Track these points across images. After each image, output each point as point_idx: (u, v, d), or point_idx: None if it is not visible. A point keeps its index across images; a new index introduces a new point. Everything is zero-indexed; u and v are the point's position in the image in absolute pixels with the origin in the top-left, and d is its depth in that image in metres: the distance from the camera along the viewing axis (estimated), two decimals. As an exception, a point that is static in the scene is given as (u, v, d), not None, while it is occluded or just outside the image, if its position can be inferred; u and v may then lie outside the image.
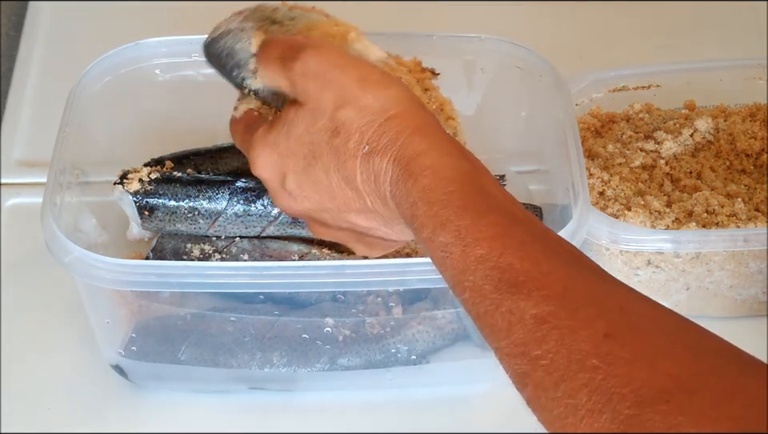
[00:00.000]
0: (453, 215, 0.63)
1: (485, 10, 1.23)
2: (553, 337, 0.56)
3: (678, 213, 0.94)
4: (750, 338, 0.94)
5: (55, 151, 0.84)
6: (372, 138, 0.68)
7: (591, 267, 0.62)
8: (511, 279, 0.59)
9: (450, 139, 0.68)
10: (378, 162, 0.67)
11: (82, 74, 0.90)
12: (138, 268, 0.78)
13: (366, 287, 0.83)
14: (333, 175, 0.70)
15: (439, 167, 0.65)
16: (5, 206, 1.03)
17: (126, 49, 0.93)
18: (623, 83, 1.04)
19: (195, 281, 0.78)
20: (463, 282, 0.61)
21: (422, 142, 0.66)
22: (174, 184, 0.86)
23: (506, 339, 0.58)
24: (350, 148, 0.68)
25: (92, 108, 0.90)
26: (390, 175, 0.67)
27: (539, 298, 0.57)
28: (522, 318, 0.57)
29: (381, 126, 0.67)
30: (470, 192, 0.64)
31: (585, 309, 0.57)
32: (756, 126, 1.01)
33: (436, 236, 0.63)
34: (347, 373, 0.87)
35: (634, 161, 0.97)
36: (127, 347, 0.86)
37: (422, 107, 0.70)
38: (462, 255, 0.61)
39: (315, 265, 0.80)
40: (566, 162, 0.87)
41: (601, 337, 0.55)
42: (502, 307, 0.58)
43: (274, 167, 0.73)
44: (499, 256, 0.60)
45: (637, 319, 0.57)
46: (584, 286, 0.59)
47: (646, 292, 0.90)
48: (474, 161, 0.68)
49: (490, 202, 0.64)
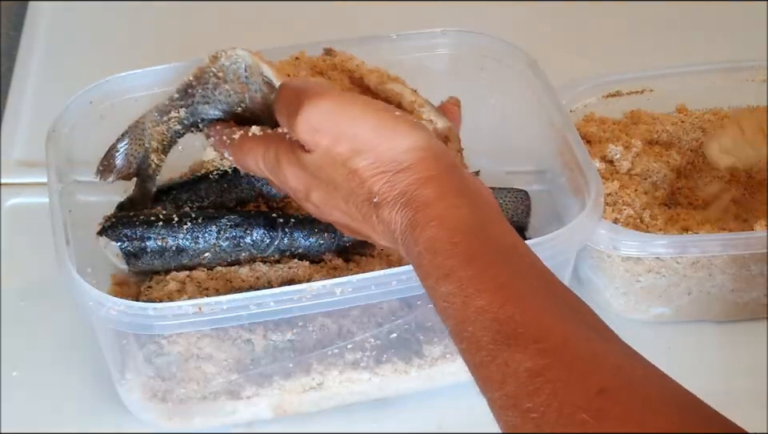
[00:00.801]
0: (456, 266, 0.63)
1: (482, 11, 1.23)
2: (545, 391, 0.56)
3: (678, 218, 0.94)
4: (752, 341, 0.94)
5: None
6: (382, 190, 0.68)
7: (593, 323, 0.62)
8: (509, 331, 0.59)
9: (463, 188, 0.68)
10: (388, 212, 0.68)
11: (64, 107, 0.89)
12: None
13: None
14: (351, 207, 0.71)
15: (446, 218, 0.65)
16: (5, 206, 1.03)
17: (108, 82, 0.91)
18: (617, 88, 1.04)
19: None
20: (462, 332, 0.61)
21: (432, 192, 0.67)
22: (159, 226, 0.84)
23: (498, 391, 0.58)
24: (363, 193, 0.69)
25: (75, 139, 0.89)
26: (398, 225, 0.67)
27: (535, 351, 0.57)
28: (517, 370, 0.57)
29: (393, 177, 0.68)
30: (475, 243, 0.64)
31: (581, 364, 0.57)
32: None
33: (439, 286, 0.63)
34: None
35: (634, 167, 0.97)
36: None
37: (438, 155, 0.69)
38: (463, 305, 0.62)
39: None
40: (567, 162, 0.87)
41: (594, 393, 0.55)
42: (498, 358, 0.58)
43: (301, 182, 0.73)
44: (499, 308, 0.60)
45: (631, 378, 0.57)
46: (583, 342, 0.59)
47: (648, 298, 0.92)
48: (485, 211, 0.67)
49: (496, 253, 0.64)
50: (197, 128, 0.84)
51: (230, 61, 0.80)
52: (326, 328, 0.83)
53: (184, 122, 0.83)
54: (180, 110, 0.83)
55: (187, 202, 0.90)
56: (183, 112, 0.83)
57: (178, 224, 0.85)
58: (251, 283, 0.85)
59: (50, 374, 0.90)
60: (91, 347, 0.88)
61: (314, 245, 0.87)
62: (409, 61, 0.82)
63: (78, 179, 0.89)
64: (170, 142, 0.85)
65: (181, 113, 0.83)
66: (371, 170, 0.68)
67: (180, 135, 0.84)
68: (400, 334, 0.85)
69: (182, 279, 0.85)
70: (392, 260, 0.88)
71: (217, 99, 0.81)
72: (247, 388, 0.85)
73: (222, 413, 0.86)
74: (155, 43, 1.19)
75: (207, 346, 0.82)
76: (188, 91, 0.82)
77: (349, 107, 0.70)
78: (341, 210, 0.72)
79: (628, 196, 0.94)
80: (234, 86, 0.81)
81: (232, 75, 0.80)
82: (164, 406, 0.85)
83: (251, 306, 0.76)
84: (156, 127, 0.84)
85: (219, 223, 0.85)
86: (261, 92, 0.80)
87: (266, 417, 0.87)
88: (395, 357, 0.87)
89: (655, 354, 0.93)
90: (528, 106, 0.94)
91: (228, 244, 0.85)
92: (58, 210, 0.81)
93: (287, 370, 0.85)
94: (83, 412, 0.88)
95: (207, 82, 0.81)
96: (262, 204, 0.91)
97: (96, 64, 1.14)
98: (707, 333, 0.95)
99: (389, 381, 0.87)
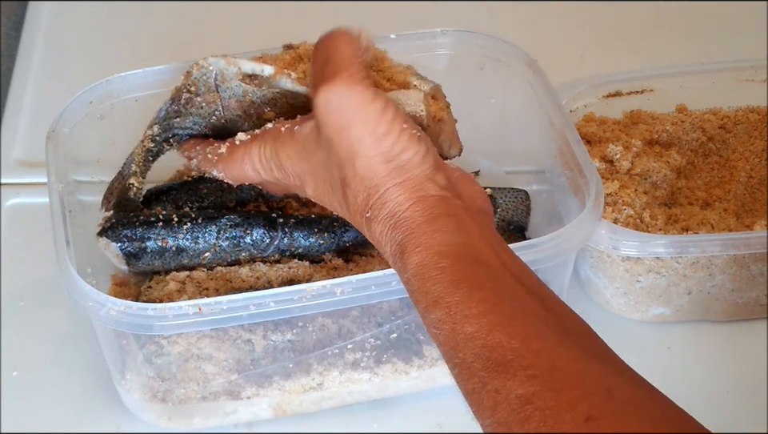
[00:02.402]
0: (444, 292, 0.63)
1: (482, 11, 1.23)
2: (535, 418, 0.56)
3: (678, 218, 0.94)
4: (752, 341, 0.94)
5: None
6: (375, 206, 0.67)
7: (586, 343, 0.62)
8: (499, 358, 0.59)
9: (451, 210, 0.67)
10: (379, 231, 0.68)
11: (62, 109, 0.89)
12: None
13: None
14: (345, 212, 0.71)
15: (431, 244, 0.65)
16: (5, 206, 1.03)
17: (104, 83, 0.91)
18: (617, 88, 1.04)
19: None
20: (454, 358, 0.61)
21: (420, 216, 0.66)
22: (159, 227, 0.85)
23: (490, 418, 0.58)
24: (357, 203, 0.68)
25: (75, 139, 0.89)
26: (388, 247, 0.67)
27: (525, 378, 0.58)
28: (508, 397, 0.57)
29: (385, 193, 0.67)
30: (461, 268, 0.64)
31: (570, 390, 0.57)
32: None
33: (428, 313, 0.63)
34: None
35: (634, 167, 0.97)
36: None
37: (431, 173, 0.68)
38: (452, 332, 0.61)
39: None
40: (567, 162, 0.87)
41: (582, 420, 0.55)
42: (488, 385, 0.59)
43: (297, 171, 0.73)
44: (488, 334, 0.60)
45: (622, 403, 0.57)
46: (573, 365, 0.58)
47: (648, 298, 0.92)
48: (471, 233, 0.66)
49: (484, 275, 0.64)
50: (168, 144, 0.83)
51: (200, 72, 0.80)
52: (325, 328, 0.83)
53: (156, 138, 0.83)
54: (153, 127, 0.83)
55: (187, 203, 0.90)
56: (156, 129, 0.82)
57: (178, 224, 0.85)
58: (251, 283, 0.85)
59: (50, 374, 0.90)
60: (91, 347, 0.88)
61: (313, 245, 0.87)
62: (409, 61, 0.82)
63: (78, 179, 0.89)
64: (146, 162, 0.84)
65: (154, 129, 0.83)
66: (366, 181, 0.68)
67: (154, 154, 0.84)
68: (400, 334, 0.85)
69: (182, 279, 0.85)
70: (392, 260, 0.88)
71: (188, 112, 0.81)
72: (247, 388, 0.85)
73: (222, 413, 0.86)
74: (155, 43, 1.19)
75: (207, 346, 0.82)
76: (164, 110, 0.82)
77: (365, 107, 0.67)
78: (335, 209, 0.72)
79: (628, 196, 0.94)
80: (206, 97, 0.80)
81: (203, 87, 0.80)
82: (164, 406, 0.85)
83: (251, 306, 0.76)
84: (134, 151, 0.84)
85: (219, 223, 0.85)
86: (235, 96, 0.79)
87: (265, 417, 0.87)
88: (395, 357, 0.87)
89: (655, 354, 0.94)
90: (528, 106, 0.94)
91: (228, 244, 0.85)
92: (58, 210, 0.81)
93: (287, 370, 0.85)
94: (83, 412, 0.88)
95: (180, 99, 0.81)
96: (262, 204, 0.91)
97: (96, 64, 1.14)
98: (707, 333, 0.95)
99: (389, 381, 0.87)
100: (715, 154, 1.03)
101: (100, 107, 0.89)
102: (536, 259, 0.79)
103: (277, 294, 0.76)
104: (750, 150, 1.02)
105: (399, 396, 0.89)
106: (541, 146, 0.95)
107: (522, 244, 0.79)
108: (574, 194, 0.88)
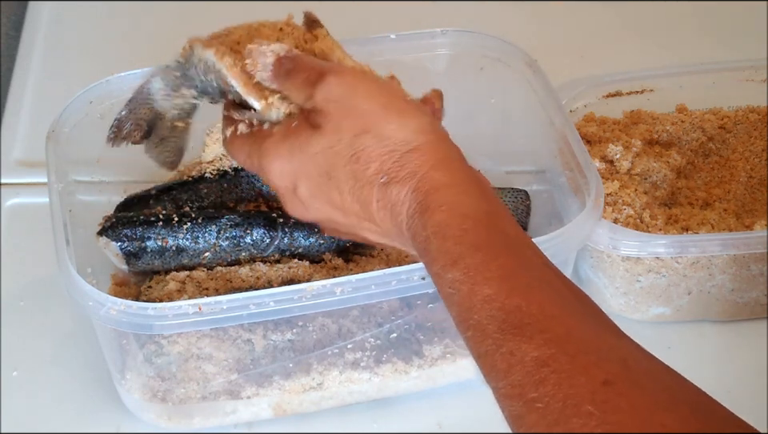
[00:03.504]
0: (465, 253, 0.63)
1: (482, 11, 1.23)
2: (551, 381, 0.56)
3: (678, 218, 0.94)
4: (752, 341, 0.94)
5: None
6: (392, 169, 0.67)
7: (600, 318, 0.62)
8: (516, 321, 0.59)
9: (472, 177, 0.68)
10: (396, 192, 0.67)
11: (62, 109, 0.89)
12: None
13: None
14: (347, 196, 0.70)
15: (456, 204, 0.65)
16: (5, 206, 1.03)
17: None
18: (617, 88, 1.04)
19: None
20: (468, 320, 0.61)
21: (443, 177, 0.66)
22: (159, 226, 0.85)
23: (504, 380, 0.58)
24: (368, 175, 0.68)
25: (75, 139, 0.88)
26: (406, 206, 0.67)
27: (541, 341, 0.57)
28: (523, 359, 0.57)
29: (402, 156, 0.67)
30: (484, 232, 0.64)
31: (586, 355, 0.57)
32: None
33: (446, 272, 0.63)
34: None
35: (634, 167, 0.97)
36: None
37: (445, 139, 0.70)
38: (470, 293, 0.61)
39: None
40: (567, 162, 0.87)
41: (599, 384, 0.55)
42: (503, 347, 0.58)
43: (286, 177, 0.72)
44: (506, 297, 0.60)
45: (638, 372, 0.57)
46: (589, 334, 0.59)
47: (648, 298, 0.92)
48: (493, 201, 0.68)
49: (504, 243, 0.64)
50: (213, 101, 0.81)
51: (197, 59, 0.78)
52: (325, 328, 0.83)
53: (197, 98, 0.81)
54: (190, 89, 0.80)
55: (187, 203, 0.90)
56: (194, 91, 0.80)
57: (178, 224, 0.85)
58: (251, 283, 0.85)
59: (50, 374, 0.90)
60: (91, 347, 0.88)
61: (314, 245, 0.87)
62: (409, 61, 0.82)
63: (78, 179, 0.89)
64: (192, 108, 0.83)
65: (192, 91, 0.80)
66: (380, 148, 0.68)
67: (197, 102, 0.82)
68: (400, 334, 0.85)
69: (181, 279, 0.85)
70: (392, 260, 0.88)
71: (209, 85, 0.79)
72: (247, 388, 0.85)
73: (222, 413, 0.86)
74: (155, 43, 1.18)
75: (207, 346, 0.82)
76: (186, 74, 0.80)
77: (365, 85, 0.70)
78: (332, 203, 0.71)
79: (628, 196, 0.94)
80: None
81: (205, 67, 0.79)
82: (164, 406, 0.85)
83: (251, 306, 0.76)
84: (172, 100, 0.81)
85: (219, 222, 0.85)
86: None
87: (265, 417, 0.87)
88: (395, 357, 0.87)
89: (655, 354, 0.93)
90: (528, 106, 0.94)
91: (228, 244, 0.85)
92: (58, 210, 0.81)
93: (287, 370, 0.85)
94: (83, 412, 0.88)
95: (193, 78, 0.79)
96: (262, 204, 0.91)
97: (96, 64, 1.14)
98: (707, 333, 0.95)
99: (389, 381, 0.87)
100: (715, 154, 1.03)
101: (100, 107, 0.89)
102: (536, 258, 0.79)
103: (277, 294, 0.76)
104: (750, 150, 1.02)
105: (399, 396, 0.89)
106: (541, 146, 0.95)
107: (522, 244, 0.79)
108: (574, 194, 0.88)
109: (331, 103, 0.69)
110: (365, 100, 0.69)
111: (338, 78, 0.69)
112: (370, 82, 0.71)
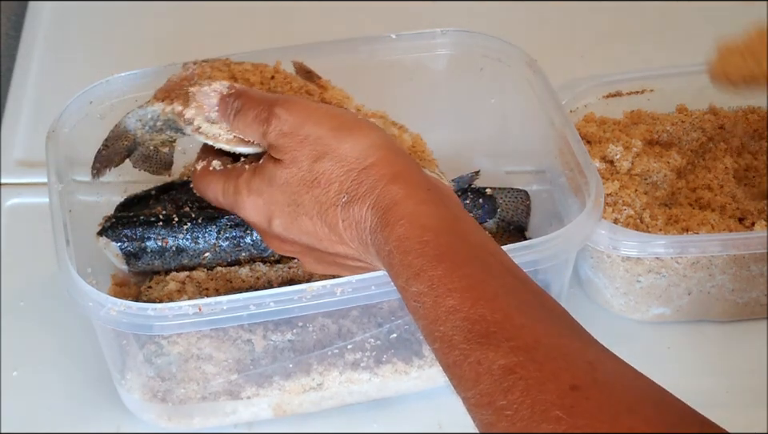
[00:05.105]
0: (427, 265, 0.63)
1: (482, 11, 1.23)
2: (519, 388, 0.56)
3: (678, 218, 0.94)
4: (752, 341, 0.94)
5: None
6: (351, 188, 0.68)
7: (567, 323, 0.62)
8: (481, 330, 0.59)
9: (429, 186, 0.68)
10: (357, 210, 0.68)
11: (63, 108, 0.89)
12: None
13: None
14: (316, 221, 0.70)
15: (415, 216, 0.65)
16: (5, 206, 1.03)
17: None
18: (617, 88, 1.04)
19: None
20: (434, 332, 0.61)
21: (400, 189, 0.67)
22: (159, 226, 0.85)
23: (473, 390, 0.58)
24: (330, 197, 0.69)
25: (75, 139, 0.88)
26: (368, 223, 0.67)
27: (508, 349, 0.57)
28: (490, 368, 0.57)
29: (359, 174, 0.68)
30: (445, 241, 0.64)
31: (553, 361, 0.57)
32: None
33: (410, 286, 0.63)
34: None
35: (634, 168, 0.97)
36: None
37: (400, 152, 0.70)
38: (434, 305, 0.61)
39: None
40: (567, 162, 0.87)
41: (567, 389, 0.55)
42: (470, 357, 0.58)
43: (261, 212, 0.72)
44: (470, 307, 0.60)
45: (605, 375, 0.57)
46: (555, 339, 0.58)
47: (648, 298, 0.92)
48: (453, 208, 0.68)
49: (467, 251, 0.64)
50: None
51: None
52: (326, 328, 0.83)
53: (177, 133, 0.82)
54: (167, 131, 0.81)
55: (187, 203, 0.90)
56: (171, 132, 0.81)
57: (178, 224, 0.85)
58: (251, 283, 0.85)
59: (50, 374, 0.90)
60: (91, 347, 0.88)
61: (314, 245, 0.87)
62: (409, 61, 0.82)
63: (78, 179, 0.89)
64: (173, 141, 0.84)
65: (170, 133, 0.81)
66: (338, 169, 0.68)
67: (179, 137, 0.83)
68: (400, 334, 0.86)
69: (181, 280, 0.85)
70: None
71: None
72: (247, 388, 0.85)
73: (222, 413, 0.86)
74: (155, 43, 1.19)
75: (207, 346, 0.82)
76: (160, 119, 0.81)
77: (315, 111, 0.71)
78: (305, 231, 0.71)
79: (628, 196, 0.94)
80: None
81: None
82: (164, 406, 0.85)
83: (251, 306, 0.76)
84: (151, 135, 0.82)
85: (219, 223, 0.85)
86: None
87: (265, 417, 0.87)
88: (395, 357, 0.87)
89: (655, 354, 0.94)
90: (528, 106, 0.94)
91: (228, 244, 0.85)
92: (58, 210, 0.81)
93: (287, 370, 0.85)
94: (83, 412, 0.88)
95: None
96: (262, 204, 0.90)
97: (96, 64, 1.14)
98: (707, 333, 0.95)
99: (389, 381, 0.88)
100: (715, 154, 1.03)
101: (100, 107, 0.89)
102: (536, 259, 0.79)
103: (277, 294, 0.76)
104: (750, 150, 1.02)
105: (399, 396, 0.89)
106: (541, 146, 0.95)
107: (522, 244, 0.79)
108: (574, 194, 0.88)
109: (286, 137, 0.70)
110: (316, 126, 0.70)
111: (287, 110, 0.70)
112: (318, 107, 0.72)
